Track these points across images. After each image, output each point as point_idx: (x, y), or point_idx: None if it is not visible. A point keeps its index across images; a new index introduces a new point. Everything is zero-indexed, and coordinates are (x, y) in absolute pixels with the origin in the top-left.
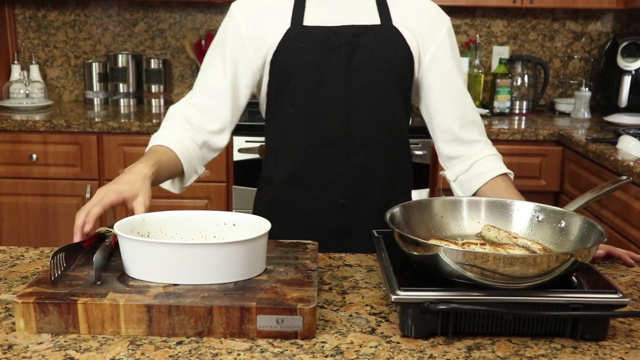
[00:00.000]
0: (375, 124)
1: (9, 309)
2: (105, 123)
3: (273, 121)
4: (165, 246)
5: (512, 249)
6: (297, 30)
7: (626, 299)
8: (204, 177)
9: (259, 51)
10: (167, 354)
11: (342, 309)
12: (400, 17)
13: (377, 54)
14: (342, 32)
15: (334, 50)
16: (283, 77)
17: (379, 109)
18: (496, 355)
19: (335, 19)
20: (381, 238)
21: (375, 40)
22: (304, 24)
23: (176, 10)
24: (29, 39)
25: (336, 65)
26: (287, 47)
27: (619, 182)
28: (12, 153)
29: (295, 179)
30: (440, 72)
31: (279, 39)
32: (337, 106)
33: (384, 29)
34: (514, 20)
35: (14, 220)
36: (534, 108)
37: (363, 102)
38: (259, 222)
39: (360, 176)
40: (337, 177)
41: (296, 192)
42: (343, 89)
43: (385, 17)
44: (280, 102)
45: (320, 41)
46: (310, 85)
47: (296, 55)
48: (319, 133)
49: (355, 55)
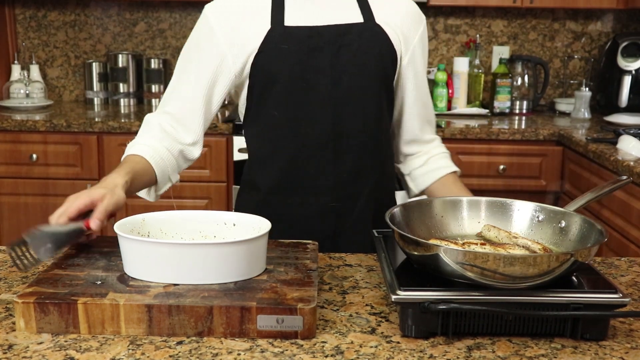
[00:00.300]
0: (363, 124)
1: (9, 308)
2: (106, 123)
3: (255, 126)
4: (166, 246)
5: (512, 249)
6: (279, 32)
7: (626, 299)
8: (204, 177)
9: (237, 56)
10: (167, 354)
11: (342, 308)
12: (382, 14)
13: (362, 52)
14: (326, 31)
15: (318, 50)
16: (266, 80)
17: (366, 109)
18: (496, 355)
19: (316, 19)
20: (381, 238)
21: (360, 38)
22: (285, 24)
23: (176, 10)
24: (29, 38)
25: (322, 66)
26: (269, 50)
27: (619, 182)
28: (12, 153)
29: (283, 185)
30: (415, 72)
31: (260, 41)
32: (325, 108)
33: (367, 27)
34: (514, 20)
35: (14, 220)
36: (534, 108)
37: (351, 102)
38: (259, 222)
39: (350, 178)
40: (326, 181)
41: (284, 198)
42: (330, 90)
43: (367, 14)
44: (263, 106)
45: (303, 42)
46: (295, 88)
47: (279, 57)
48: (307, 136)
49: (340, 54)
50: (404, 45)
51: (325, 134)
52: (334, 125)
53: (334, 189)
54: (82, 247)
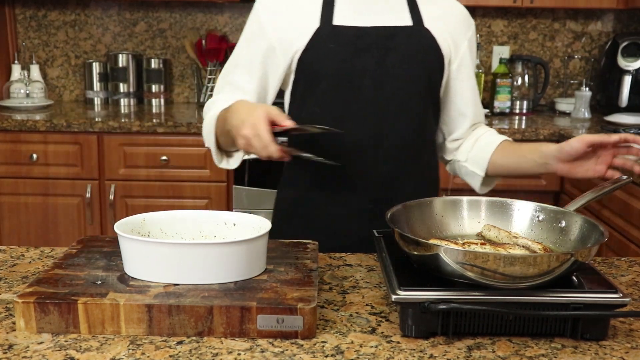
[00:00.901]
0: (405, 128)
1: (9, 308)
2: (106, 123)
3: (298, 121)
4: (166, 246)
5: (512, 249)
6: (327, 30)
7: (626, 298)
8: (204, 177)
9: (286, 51)
10: (167, 354)
11: (342, 308)
12: (432, 18)
13: (409, 56)
14: (374, 33)
15: (364, 51)
16: (311, 77)
17: (409, 113)
18: (496, 355)
19: (365, 19)
20: (381, 238)
21: (408, 42)
22: (334, 23)
23: (176, 10)
24: (29, 38)
25: (367, 67)
26: (317, 47)
27: (619, 182)
28: (13, 153)
29: (321, 183)
30: (465, 76)
31: (308, 38)
32: (367, 109)
33: (416, 31)
34: (514, 20)
35: (14, 220)
36: (534, 108)
37: (394, 106)
38: (259, 222)
39: (389, 181)
40: (364, 182)
41: (322, 195)
42: (374, 92)
43: (416, 18)
44: (307, 102)
45: (350, 42)
46: (339, 87)
47: (326, 55)
48: (348, 137)
49: (386, 57)
50: (454, 49)
51: (367, 135)
52: (375, 126)
53: (371, 190)
54: (82, 247)
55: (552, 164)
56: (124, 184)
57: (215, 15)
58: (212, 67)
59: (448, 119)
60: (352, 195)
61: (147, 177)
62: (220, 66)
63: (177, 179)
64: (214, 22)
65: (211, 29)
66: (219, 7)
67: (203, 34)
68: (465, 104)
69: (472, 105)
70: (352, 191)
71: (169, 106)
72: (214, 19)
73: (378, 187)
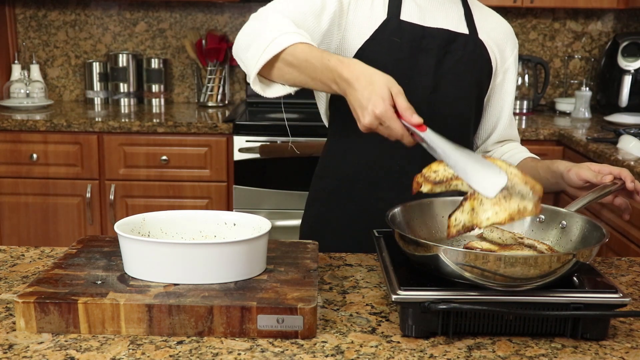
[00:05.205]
0: (452, 132)
1: (9, 308)
2: (106, 123)
3: (346, 113)
4: (166, 246)
5: (520, 250)
6: (394, 24)
7: (626, 298)
8: (204, 176)
9: (349, 35)
10: (167, 354)
11: (342, 308)
12: (484, 30)
13: (464, 62)
14: (437, 34)
15: (426, 51)
16: None
17: (457, 117)
18: (496, 355)
19: (429, 20)
20: (381, 238)
21: (465, 49)
22: (401, 18)
23: (177, 9)
24: (29, 38)
25: (426, 67)
26: (381, 39)
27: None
28: (13, 153)
29: (364, 175)
30: (505, 91)
31: (374, 28)
32: (421, 109)
33: (471, 40)
34: (515, 19)
35: (15, 220)
36: (534, 108)
37: (444, 108)
38: (259, 222)
39: None
40: (409, 180)
41: (363, 187)
42: (428, 92)
43: (472, 28)
44: None
45: (415, 40)
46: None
47: (389, 49)
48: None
49: (445, 60)
50: (500, 63)
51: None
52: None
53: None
54: (82, 247)
55: (562, 184)
56: (124, 184)
57: (216, 15)
58: (212, 67)
59: (480, 129)
60: (394, 191)
61: (147, 177)
62: (220, 66)
63: (177, 179)
64: (214, 22)
65: (211, 29)
66: (219, 7)
67: (203, 33)
68: (498, 118)
69: (506, 120)
70: (394, 187)
71: (169, 106)
72: (214, 19)
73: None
